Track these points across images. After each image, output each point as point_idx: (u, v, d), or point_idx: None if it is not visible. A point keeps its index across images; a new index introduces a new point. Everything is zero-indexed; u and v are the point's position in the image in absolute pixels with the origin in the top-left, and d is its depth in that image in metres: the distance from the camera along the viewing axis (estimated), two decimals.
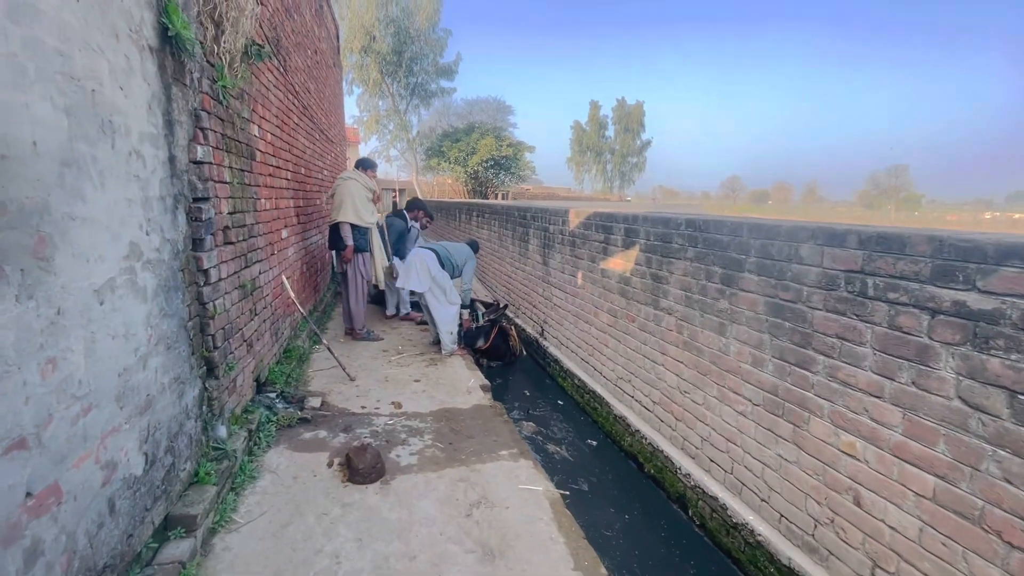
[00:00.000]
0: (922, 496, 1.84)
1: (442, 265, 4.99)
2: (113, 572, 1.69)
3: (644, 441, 3.58)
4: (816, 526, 2.28)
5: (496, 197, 25.79)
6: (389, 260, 6.01)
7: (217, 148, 2.75)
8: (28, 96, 1.35)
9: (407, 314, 6.37)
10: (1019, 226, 47.28)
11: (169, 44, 2.24)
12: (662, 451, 3.37)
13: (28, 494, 1.31)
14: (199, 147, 2.50)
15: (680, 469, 3.16)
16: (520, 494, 2.79)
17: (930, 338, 1.79)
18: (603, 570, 2.29)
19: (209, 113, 2.63)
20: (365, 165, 5.48)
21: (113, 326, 1.73)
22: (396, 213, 6.65)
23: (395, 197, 23.79)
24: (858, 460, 2.07)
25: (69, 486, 1.47)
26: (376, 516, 2.53)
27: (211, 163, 2.64)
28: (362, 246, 5.28)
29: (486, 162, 24.59)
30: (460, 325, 5.20)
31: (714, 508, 2.87)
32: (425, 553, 2.29)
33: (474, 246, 5.69)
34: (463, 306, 5.25)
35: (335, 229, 5.22)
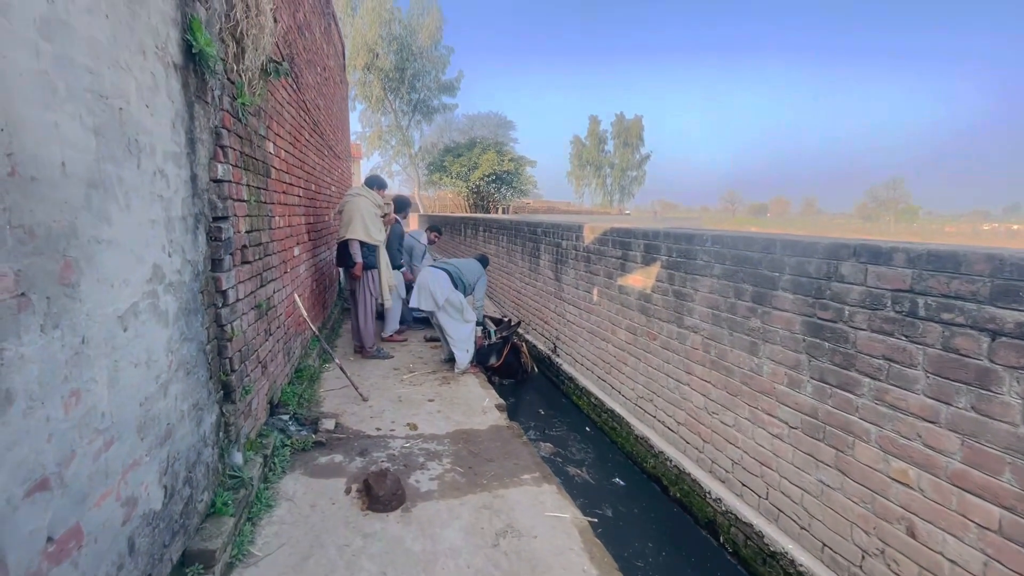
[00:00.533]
0: (986, 528, 1.74)
1: (455, 285, 4.92)
2: None
3: (669, 463, 3.47)
4: (864, 557, 2.18)
5: (498, 211, 25.84)
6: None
7: (236, 166, 2.70)
8: (58, 115, 1.29)
9: (391, 335, 6.22)
10: (1019, 237, 47.39)
11: (193, 61, 2.19)
12: (689, 474, 3.26)
13: (49, 539, 1.22)
14: (219, 165, 2.44)
15: (710, 493, 3.05)
16: (547, 522, 2.68)
17: (991, 361, 1.71)
18: None
19: (229, 131, 2.58)
20: (376, 184, 5.43)
21: (136, 353, 1.65)
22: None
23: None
24: (911, 488, 1.98)
25: (90, 527, 1.38)
26: (399, 547, 2.42)
27: (230, 181, 2.58)
28: (371, 263, 5.21)
29: (488, 177, 24.69)
30: (474, 343, 5.12)
31: (748, 535, 2.75)
32: None
33: (484, 261, 5.62)
34: (476, 323, 5.17)
35: (344, 246, 5.15)
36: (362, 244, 5.08)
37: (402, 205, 6.52)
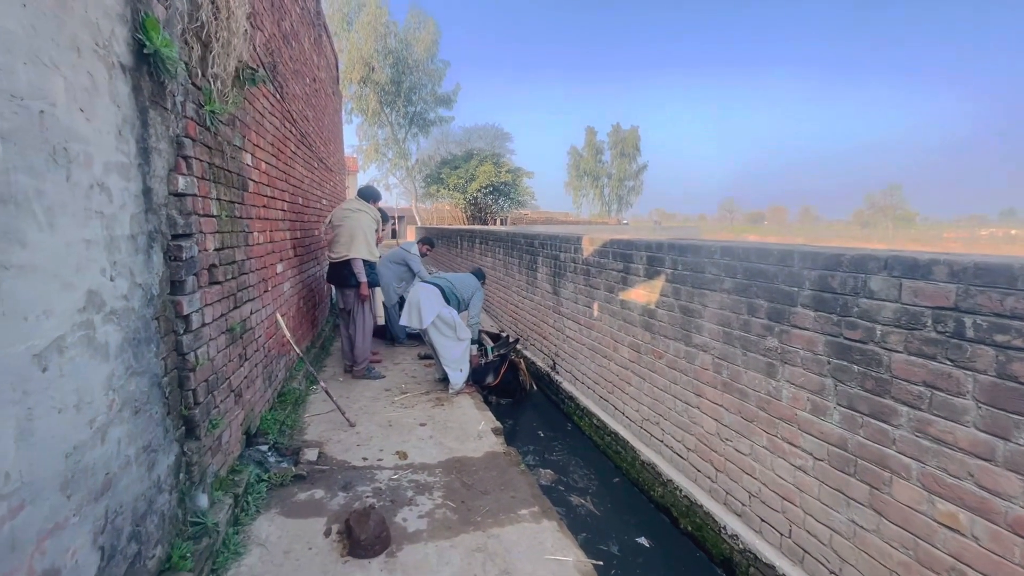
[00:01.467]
0: None
1: (447, 300, 4.68)
2: None
3: (679, 493, 3.20)
4: None
5: (495, 223, 25.70)
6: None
7: (203, 178, 2.48)
8: None
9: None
10: (1018, 242, 47.34)
11: (146, 63, 1.97)
12: (701, 506, 3.00)
13: None
14: (181, 177, 2.22)
15: (725, 528, 2.79)
16: (547, 567, 2.42)
17: None
18: None
19: (194, 140, 2.37)
20: (372, 196, 5.20)
21: (60, 396, 1.40)
22: None
23: (394, 225, 23.77)
24: (963, 535, 1.72)
25: None
26: None
27: (195, 195, 2.35)
28: (374, 281, 5.01)
29: (485, 188, 24.58)
30: (468, 362, 4.87)
31: None
32: None
33: (479, 275, 5.38)
34: (472, 341, 4.92)
35: (341, 264, 4.92)
36: (365, 263, 4.88)
37: (384, 218, 6.14)
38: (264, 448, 3.26)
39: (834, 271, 2.16)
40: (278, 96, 4.30)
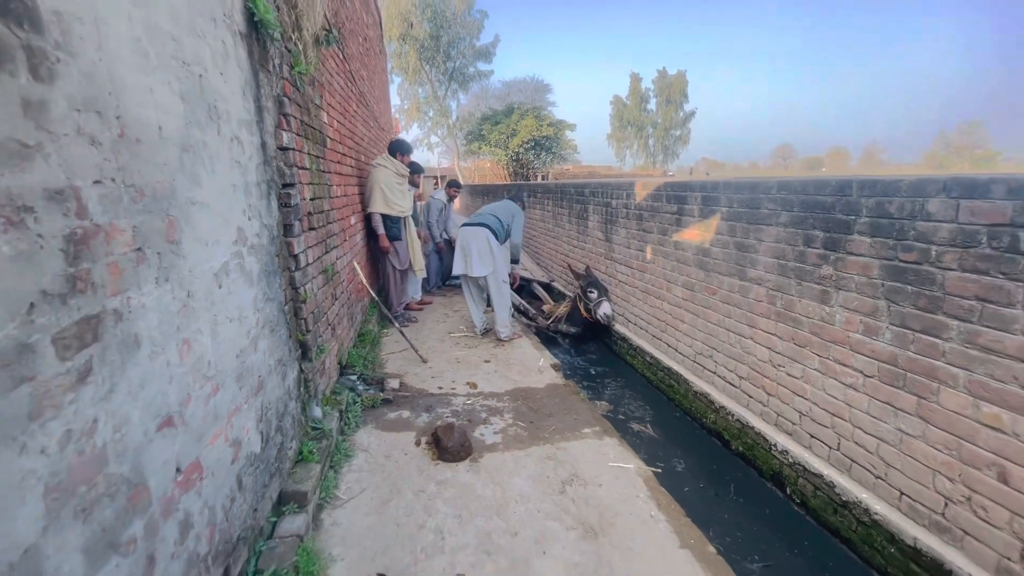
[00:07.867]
0: None
1: (496, 236, 4.76)
2: (244, 544, 1.76)
3: (731, 418, 3.44)
4: (947, 504, 2.11)
5: (537, 179, 25.48)
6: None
7: (298, 134, 2.78)
8: (151, 80, 1.36)
9: (411, 301, 6.06)
10: None
11: (255, 30, 2.25)
12: (752, 427, 3.22)
13: (178, 469, 1.36)
14: (284, 133, 2.52)
15: (775, 446, 3.01)
16: (611, 471, 2.74)
17: None
18: (711, 548, 2.21)
19: (290, 99, 2.65)
20: (399, 149, 5.28)
21: (229, 309, 1.77)
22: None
23: (436, 184, 24.10)
24: (1004, 433, 1.88)
25: (207, 462, 1.53)
26: (471, 493, 2.55)
27: (295, 149, 2.66)
28: (394, 235, 5.14)
29: (527, 143, 24.27)
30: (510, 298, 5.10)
31: (818, 486, 2.72)
32: (526, 529, 2.28)
33: (517, 199, 5.33)
34: (513, 261, 5.12)
35: (366, 219, 5.11)
36: (385, 216, 4.97)
37: (414, 170, 5.87)
38: (353, 377, 3.71)
39: (892, 197, 2.25)
40: (342, 56, 4.54)
